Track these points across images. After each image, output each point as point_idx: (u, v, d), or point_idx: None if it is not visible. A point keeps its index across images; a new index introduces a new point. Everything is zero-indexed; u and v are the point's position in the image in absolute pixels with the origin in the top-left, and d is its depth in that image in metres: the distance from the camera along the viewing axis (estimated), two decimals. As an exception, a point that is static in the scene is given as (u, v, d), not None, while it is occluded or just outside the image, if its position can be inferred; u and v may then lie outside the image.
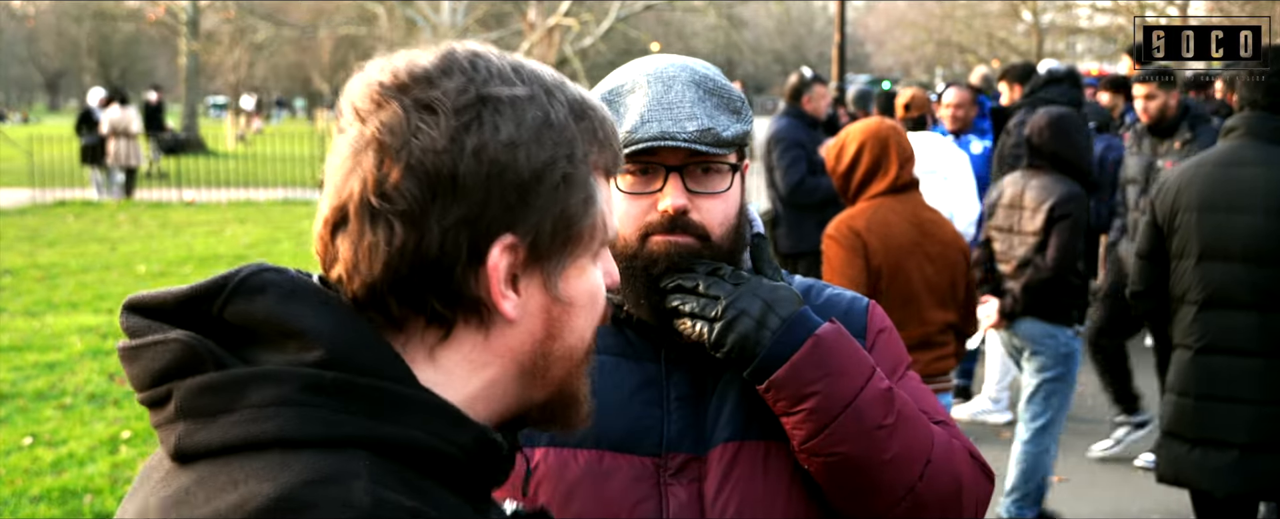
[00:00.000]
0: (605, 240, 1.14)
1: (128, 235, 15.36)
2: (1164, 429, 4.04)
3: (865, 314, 1.86)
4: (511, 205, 1.04)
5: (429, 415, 1.02)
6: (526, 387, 1.12)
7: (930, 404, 1.84)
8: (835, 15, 14.88)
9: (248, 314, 1.03)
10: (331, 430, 0.98)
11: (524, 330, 1.09)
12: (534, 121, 1.05)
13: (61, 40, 60.54)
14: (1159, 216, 4.01)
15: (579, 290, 1.11)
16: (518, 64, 1.10)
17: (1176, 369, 3.99)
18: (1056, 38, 42.73)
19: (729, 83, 1.75)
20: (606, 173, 1.13)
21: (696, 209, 1.69)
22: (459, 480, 1.04)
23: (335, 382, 1.00)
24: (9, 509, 5.67)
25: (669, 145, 1.64)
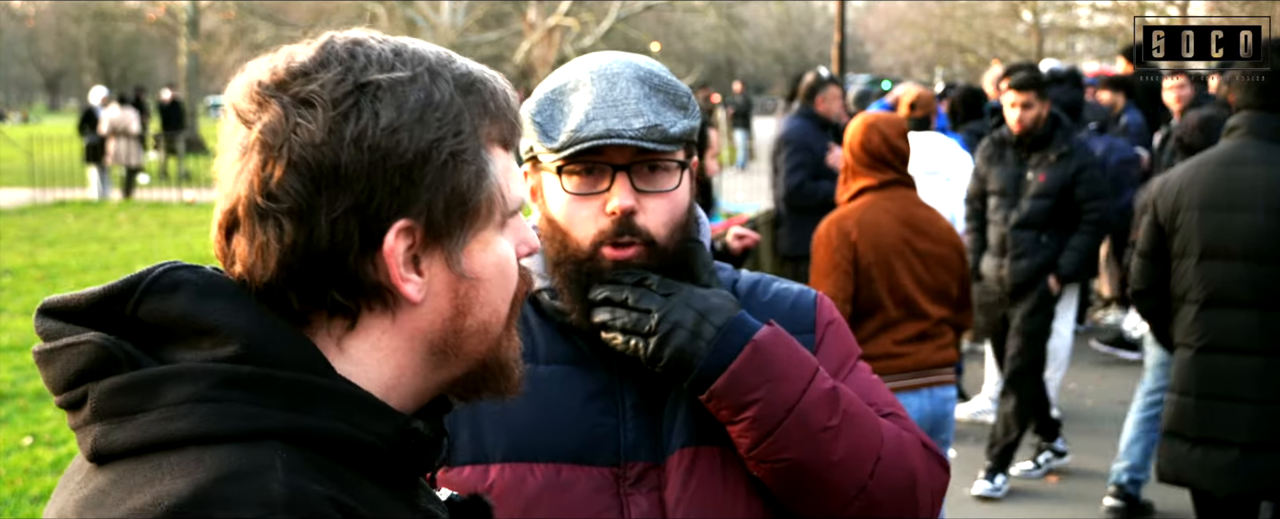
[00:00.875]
0: (509, 211, 1.13)
1: (128, 235, 15.36)
2: (1165, 429, 4.04)
3: (813, 307, 1.84)
4: (398, 189, 1.04)
5: (348, 406, 1.03)
6: (442, 366, 1.12)
7: (881, 396, 1.82)
8: (835, 15, 14.88)
9: (162, 313, 1.03)
10: (247, 424, 0.98)
11: (431, 311, 1.09)
12: (416, 104, 1.05)
13: (61, 40, 60.51)
14: (1160, 216, 4.01)
15: (484, 264, 1.11)
16: (400, 47, 1.10)
17: (1177, 368, 3.99)
18: (1056, 38, 42.71)
19: (675, 80, 1.72)
20: (503, 143, 1.13)
21: (643, 210, 1.65)
22: (381, 469, 1.05)
23: (251, 376, 1.00)
24: (9, 509, 5.67)
25: (615, 143, 1.61)
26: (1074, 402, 7.62)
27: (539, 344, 1.74)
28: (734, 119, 27.40)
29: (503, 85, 1.14)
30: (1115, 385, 7.98)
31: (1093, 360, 8.55)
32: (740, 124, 27.47)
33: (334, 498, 0.97)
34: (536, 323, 1.76)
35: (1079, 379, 8.10)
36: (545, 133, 1.65)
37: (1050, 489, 6.10)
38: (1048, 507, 5.87)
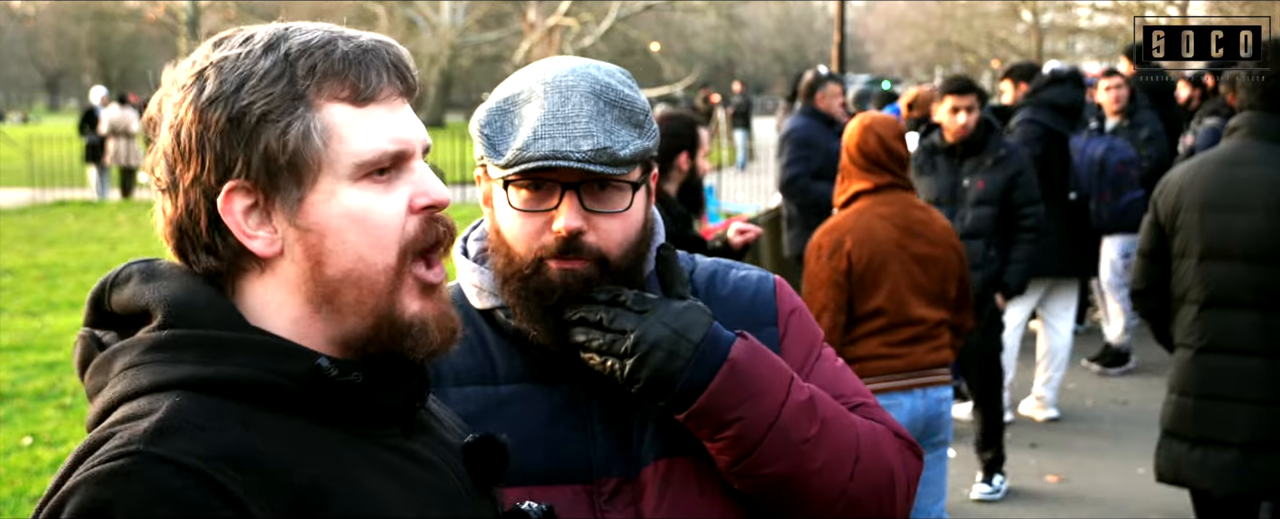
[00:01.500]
0: (359, 161, 1.19)
1: (128, 235, 15.36)
2: (1165, 429, 4.04)
3: (773, 295, 1.80)
4: (221, 154, 1.17)
5: (255, 352, 1.16)
6: (334, 317, 1.21)
7: (848, 385, 1.79)
8: (835, 15, 14.88)
9: (120, 301, 1.22)
10: (158, 378, 1.14)
11: (291, 263, 1.20)
12: (235, 76, 1.17)
13: (61, 40, 60.51)
14: (1161, 216, 4.01)
15: (328, 215, 1.19)
16: (253, 32, 1.22)
17: (1177, 369, 3.99)
18: (1056, 38, 42.73)
19: (634, 92, 1.64)
20: (351, 99, 1.20)
21: (593, 229, 1.59)
22: (302, 406, 1.17)
23: (169, 339, 1.16)
24: (9, 509, 5.67)
25: (560, 166, 1.54)
26: (1074, 402, 7.62)
27: (497, 363, 1.69)
28: (734, 119, 27.38)
29: (357, 44, 1.21)
30: (1115, 385, 7.98)
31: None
32: (740, 124, 27.45)
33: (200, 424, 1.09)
34: (493, 340, 1.70)
35: (1079, 379, 8.10)
36: (492, 146, 1.59)
37: (1050, 489, 6.10)
38: (1048, 507, 5.86)
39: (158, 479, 1.05)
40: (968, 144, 5.95)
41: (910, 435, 1.80)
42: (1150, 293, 4.09)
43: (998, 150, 5.97)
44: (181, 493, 1.05)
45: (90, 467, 1.08)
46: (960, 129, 5.93)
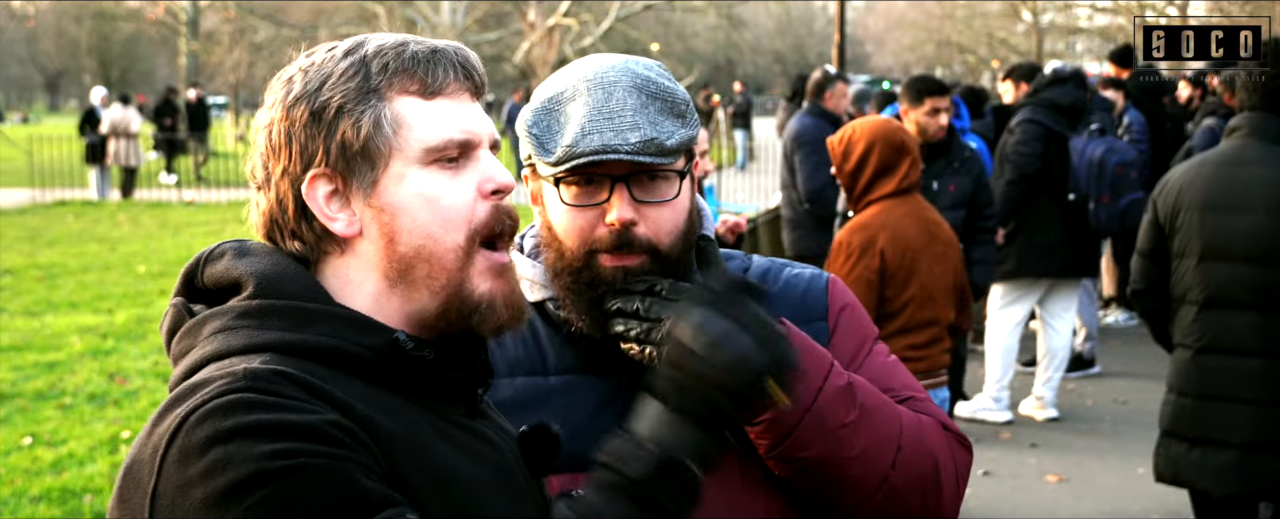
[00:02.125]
0: (428, 147, 1.31)
1: (128, 235, 15.36)
2: (1164, 429, 4.04)
3: (825, 292, 1.83)
4: (305, 146, 1.31)
5: (337, 324, 1.28)
6: (408, 292, 1.32)
7: (899, 379, 1.81)
8: (835, 15, 14.87)
9: (213, 275, 1.35)
10: (249, 341, 1.26)
11: (369, 242, 1.32)
12: (317, 76, 1.32)
13: (61, 40, 60.49)
14: (1160, 216, 4.01)
15: (399, 195, 1.31)
16: (339, 43, 1.36)
17: (1176, 369, 3.99)
18: (1056, 38, 42.73)
19: (673, 84, 1.69)
20: (420, 92, 1.33)
21: (644, 220, 1.63)
22: (381, 375, 1.28)
23: (259, 308, 1.29)
24: (9, 509, 5.66)
25: (610, 160, 1.58)
26: (1074, 402, 7.62)
27: (548, 354, 1.74)
28: (734, 119, 27.39)
29: (430, 47, 1.34)
30: (1115, 385, 7.98)
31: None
32: (740, 124, 27.46)
33: (294, 376, 1.20)
34: (545, 332, 1.75)
35: (1079, 379, 8.10)
36: (541, 145, 1.64)
37: (1050, 489, 6.10)
38: (1048, 507, 5.86)
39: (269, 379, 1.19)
40: (934, 147, 5.85)
41: (959, 429, 1.81)
42: (1149, 293, 4.09)
43: (963, 151, 5.92)
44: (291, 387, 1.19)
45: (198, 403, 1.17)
46: (940, 131, 5.85)
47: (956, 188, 5.82)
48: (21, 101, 69.43)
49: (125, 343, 9.02)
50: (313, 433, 1.15)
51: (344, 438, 1.17)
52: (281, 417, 1.15)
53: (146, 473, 1.17)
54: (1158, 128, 9.10)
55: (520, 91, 28.19)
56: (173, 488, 1.14)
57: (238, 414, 1.14)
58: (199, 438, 1.13)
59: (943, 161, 5.85)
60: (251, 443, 1.12)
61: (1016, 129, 7.15)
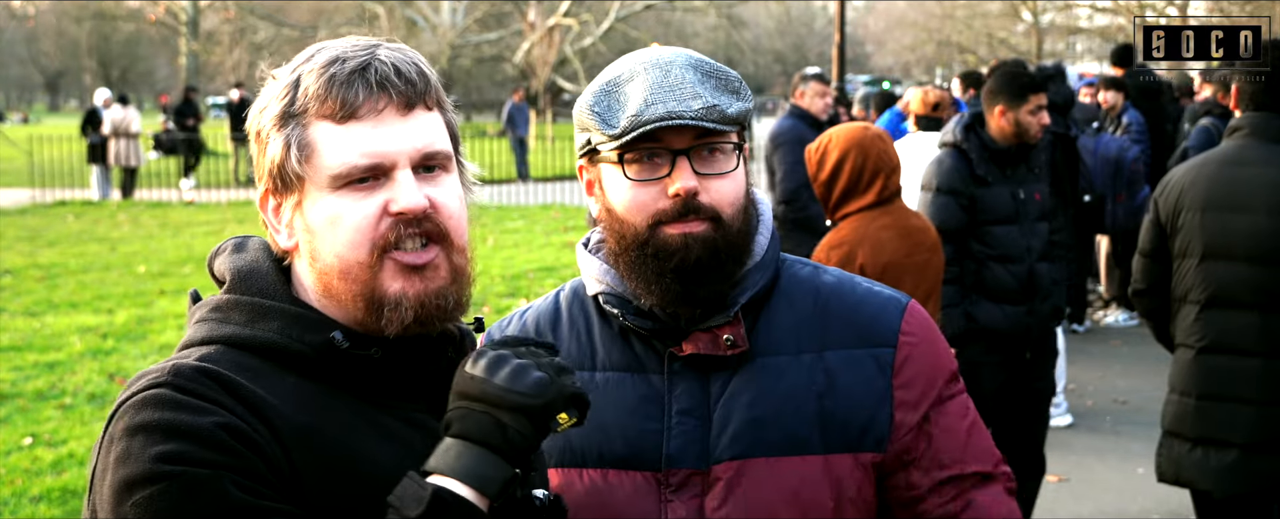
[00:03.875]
0: (333, 174, 1.38)
1: (128, 235, 15.36)
2: (1165, 429, 4.04)
3: (899, 317, 1.75)
4: (256, 159, 1.44)
5: (287, 321, 1.39)
6: (334, 302, 1.41)
7: (976, 444, 1.73)
8: (835, 15, 14.88)
9: (216, 269, 1.49)
10: (210, 333, 1.40)
11: (301, 256, 1.43)
12: (266, 95, 1.42)
13: (61, 40, 60.48)
14: (1162, 215, 4.01)
15: (315, 216, 1.40)
16: (311, 54, 1.41)
17: (1178, 369, 3.99)
18: (1056, 38, 42.72)
19: (724, 65, 1.74)
20: (333, 117, 1.38)
21: (706, 191, 1.65)
22: (321, 371, 1.38)
23: (226, 302, 1.42)
24: (9, 509, 5.67)
25: (676, 124, 1.61)
26: (1074, 402, 7.61)
27: (598, 351, 1.76)
28: (734, 119, 27.33)
29: (357, 63, 1.38)
30: (1115, 386, 7.98)
31: (1092, 360, 8.54)
32: (740, 124, 27.40)
33: (219, 374, 1.31)
34: (599, 329, 1.77)
35: (1079, 379, 8.10)
36: (604, 121, 1.66)
37: (1050, 489, 6.10)
38: (1048, 507, 5.86)
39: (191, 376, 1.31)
40: (1016, 150, 4.97)
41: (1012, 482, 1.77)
42: (1151, 292, 4.09)
43: (1041, 155, 5.20)
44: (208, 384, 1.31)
45: (128, 395, 1.32)
46: (1039, 132, 4.96)
47: (1042, 195, 5.08)
48: (21, 101, 69.43)
49: (125, 343, 9.02)
50: (200, 436, 1.26)
51: (231, 443, 1.27)
52: (178, 417, 1.27)
53: (95, 450, 1.34)
54: (1157, 128, 9.11)
55: (520, 91, 28.16)
56: (99, 471, 1.30)
57: (148, 410, 1.28)
58: (119, 428, 1.29)
59: (1023, 167, 5.04)
60: (148, 441, 1.26)
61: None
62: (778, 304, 1.75)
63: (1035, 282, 4.94)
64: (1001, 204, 4.94)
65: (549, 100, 37.59)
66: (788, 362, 1.71)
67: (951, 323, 4.87)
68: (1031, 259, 4.95)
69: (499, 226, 15.59)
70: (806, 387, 1.69)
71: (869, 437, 1.69)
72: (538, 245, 14.09)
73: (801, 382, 1.69)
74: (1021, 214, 4.96)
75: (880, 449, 1.70)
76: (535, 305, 1.86)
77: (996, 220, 4.93)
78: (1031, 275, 4.94)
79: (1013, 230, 4.94)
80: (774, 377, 1.70)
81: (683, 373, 1.70)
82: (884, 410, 1.70)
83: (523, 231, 15.31)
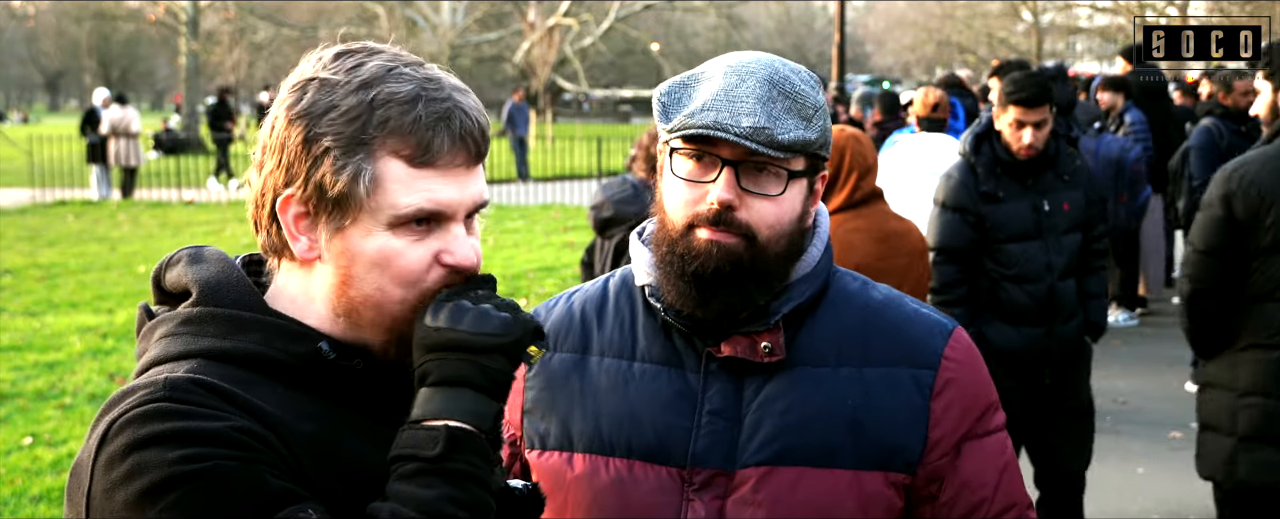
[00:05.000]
0: (396, 214, 1.33)
1: (128, 235, 15.36)
2: (1245, 434, 3.88)
3: (944, 340, 1.74)
4: (291, 164, 1.33)
5: (268, 332, 1.35)
6: (354, 327, 1.37)
7: (1001, 489, 1.72)
8: (835, 15, 14.88)
9: (170, 280, 1.43)
10: (186, 347, 1.34)
11: (325, 274, 1.37)
12: (326, 103, 1.32)
13: (61, 40, 60.48)
14: (1239, 212, 3.84)
15: (361, 247, 1.34)
16: (366, 61, 1.34)
17: (1254, 370, 3.85)
18: (1056, 38, 42.72)
19: (813, 90, 1.69)
20: (409, 159, 1.32)
21: (746, 207, 1.64)
22: (307, 382, 1.35)
23: (198, 315, 1.36)
24: (9, 509, 5.67)
25: (718, 136, 1.61)
26: (1074, 402, 7.61)
27: (640, 342, 1.76)
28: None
29: (442, 110, 1.33)
30: (1116, 386, 7.97)
31: (1093, 360, 8.53)
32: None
33: (213, 384, 1.27)
34: (644, 320, 1.77)
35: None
36: (665, 112, 1.69)
37: (1050, 489, 6.09)
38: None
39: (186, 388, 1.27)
40: (1038, 158, 4.65)
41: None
42: (1213, 292, 3.94)
43: (1073, 162, 4.78)
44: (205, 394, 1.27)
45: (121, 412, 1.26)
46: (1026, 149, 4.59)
47: (1072, 205, 4.69)
48: (21, 101, 69.44)
49: (125, 343, 9.02)
50: (220, 438, 1.23)
51: (250, 442, 1.24)
52: (190, 424, 1.23)
53: (85, 475, 1.27)
54: (1160, 128, 9.11)
55: (520, 91, 28.16)
56: (101, 491, 1.24)
57: (152, 423, 1.23)
58: (119, 445, 1.24)
59: (1051, 174, 4.69)
60: (163, 449, 1.21)
61: None
62: (823, 316, 1.74)
63: (1056, 300, 4.62)
64: (1017, 219, 4.61)
65: (549, 100, 37.60)
66: (826, 374, 1.70)
67: None
68: (1052, 277, 4.61)
69: (499, 227, 15.59)
70: (842, 400, 1.68)
71: (899, 457, 1.67)
72: (538, 245, 14.10)
73: (838, 394, 1.68)
74: (1045, 228, 4.61)
75: (909, 471, 1.68)
76: (583, 289, 1.87)
77: (1012, 237, 4.62)
78: (1052, 294, 4.62)
79: (1032, 247, 4.61)
80: (811, 387, 1.69)
81: (718, 373, 1.70)
82: (918, 431, 1.68)
83: (523, 232, 15.31)
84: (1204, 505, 5.62)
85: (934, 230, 4.69)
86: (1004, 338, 4.62)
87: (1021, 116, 4.52)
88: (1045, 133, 4.53)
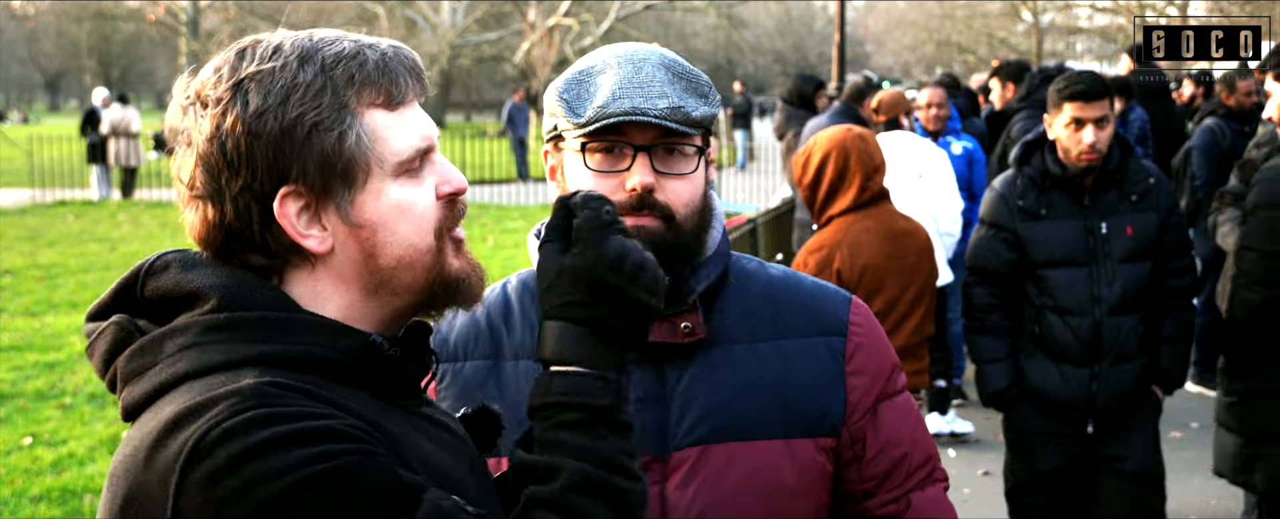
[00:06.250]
0: (399, 160, 1.30)
1: (128, 235, 15.37)
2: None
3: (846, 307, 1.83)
4: (274, 162, 1.25)
5: (311, 332, 1.26)
6: (389, 299, 1.32)
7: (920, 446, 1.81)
8: (835, 15, 14.87)
9: (160, 288, 1.30)
10: (229, 357, 1.22)
11: (345, 257, 1.30)
12: (280, 88, 1.25)
13: (61, 40, 60.47)
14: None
15: (379, 211, 1.29)
16: (282, 42, 1.30)
17: None
18: (1056, 38, 42.72)
19: (696, 69, 1.77)
20: (385, 104, 1.30)
21: (662, 189, 1.69)
22: (358, 378, 1.28)
23: (227, 320, 1.25)
24: (9, 509, 5.67)
25: (640, 120, 1.65)
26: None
27: None
28: (734, 120, 27.39)
29: (382, 53, 1.31)
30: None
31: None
32: (740, 124, 27.46)
33: (296, 386, 1.19)
34: None
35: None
36: (571, 109, 1.70)
37: (1050, 489, 6.10)
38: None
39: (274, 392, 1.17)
40: (1102, 174, 4.00)
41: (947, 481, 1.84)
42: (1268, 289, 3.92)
43: (1144, 180, 4.06)
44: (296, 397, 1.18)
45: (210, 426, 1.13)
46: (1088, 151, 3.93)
47: (1138, 230, 4.01)
48: (21, 101, 69.44)
49: (125, 343, 9.03)
50: (339, 434, 1.16)
51: (366, 435, 1.18)
52: (305, 424, 1.14)
53: (158, 502, 1.14)
54: (1163, 128, 9.10)
55: (520, 91, 28.18)
56: (200, 509, 1.12)
57: (258, 430, 1.13)
58: (225, 458, 1.11)
59: (1114, 194, 4.02)
60: (284, 453, 1.12)
61: (1018, 138, 7.06)
62: (729, 295, 1.79)
63: (1103, 339, 3.98)
64: (1063, 242, 4.01)
65: (549, 100, 37.50)
66: (742, 350, 1.75)
67: (993, 379, 4.15)
68: (1099, 311, 3.98)
69: (499, 226, 15.61)
70: (764, 373, 1.74)
71: (825, 422, 1.75)
72: (538, 245, 14.10)
73: (759, 368, 1.74)
74: (1098, 253, 3.99)
75: (835, 434, 1.75)
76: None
77: (1053, 262, 4.03)
78: (1098, 331, 3.98)
79: (1079, 275, 4.00)
80: (731, 364, 1.74)
81: (638, 361, 1.72)
82: (837, 396, 1.76)
83: (523, 232, 15.31)
84: (1204, 505, 5.62)
85: (970, 247, 4.27)
86: (1043, 376, 4.08)
87: (1080, 113, 3.90)
88: (1107, 134, 3.92)
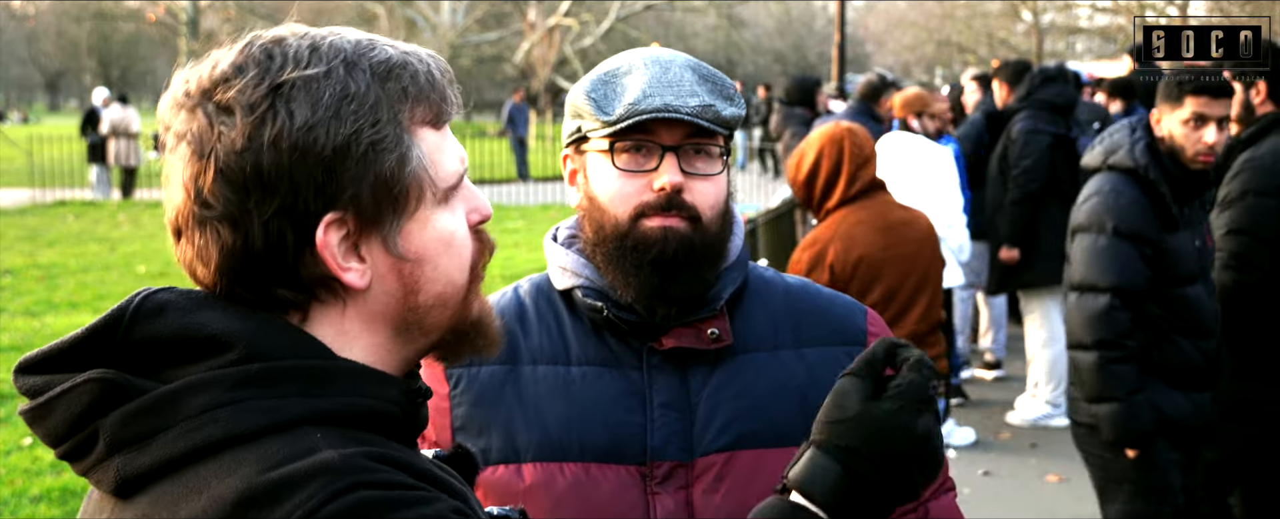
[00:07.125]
0: (447, 186, 1.14)
1: (128, 235, 15.36)
2: None
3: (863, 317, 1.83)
4: (322, 185, 1.06)
5: (357, 381, 1.09)
6: (411, 340, 1.16)
7: None
8: (835, 15, 14.87)
9: (155, 333, 1.07)
10: (274, 416, 1.02)
11: (382, 294, 1.12)
12: (330, 99, 1.06)
13: (61, 40, 60.47)
14: None
15: (424, 243, 1.13)
16: (318, 41, 1.11)
17: None
18: (1056, 38, 42.72)
19: (720, 72, 1.77)
20: (433, 122, 1.14)
21: (689, 190, 1.68)
22: (397, 431, 1.11)
23: (262, 372, 1.04)
24: (9, 509, 5.67)
25: (671, 117, 1.64)
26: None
27: (572, 345, 1.76)
28: (734, 119, 27.42)
29: (428, 65, 1.15)
30: (1115, 385, 7.97)
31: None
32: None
33: (380, 454, 1.02)
34: (570, 323, 1.78)
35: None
36: (600, 108, 1.69)
37: (1050, 489, 6.10)
38: (1048, 507, 5.87)
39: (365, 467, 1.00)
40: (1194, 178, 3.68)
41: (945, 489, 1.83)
42: None
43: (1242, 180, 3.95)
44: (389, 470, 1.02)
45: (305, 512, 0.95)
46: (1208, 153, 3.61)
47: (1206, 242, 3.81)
48: (21, 101, 69.42)
49: (125, 343, 9.03)
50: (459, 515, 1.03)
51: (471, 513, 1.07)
52: (419, 512, 0.99)
53: None
54: None
55: (520, 91, 28.19)
56: None
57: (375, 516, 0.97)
58: None
59: (1197, 204, 3.76)
60: None
61: (1018, 138, 7.04)
62: (751, 302, 1.80)
63: (1220, 361, 3.79)
64: (1187, 255, 3.66)
65: (549, 100, 37.60)
66: (767, 357, 1.75)
67: (1138, 418, 3.68)
68: (1218, 329, 3.74)
69: (499, 226, 15.60)
70: (788, 380, 1.74)
71: None
72: (537, 245, 14.09)
73: (783, 375, 1.74)
74: (1203, 268, 3.71)
75: None
76: (493, 300, 1.83)
77: (1182, 278, 3.65)
78: (1219, 351, 3.75)
79: (1201, 291, 3.68)
80: (755, 371, 1.74)
81: (662, 367, 1.72)
82: None
83: (523, 232, 15.32)
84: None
85: (1100, 263, 3.68)
86: (1178, 408, 3.71)
87: (1205, 109, 3.54)
88: (1226, 135, 3.62)
